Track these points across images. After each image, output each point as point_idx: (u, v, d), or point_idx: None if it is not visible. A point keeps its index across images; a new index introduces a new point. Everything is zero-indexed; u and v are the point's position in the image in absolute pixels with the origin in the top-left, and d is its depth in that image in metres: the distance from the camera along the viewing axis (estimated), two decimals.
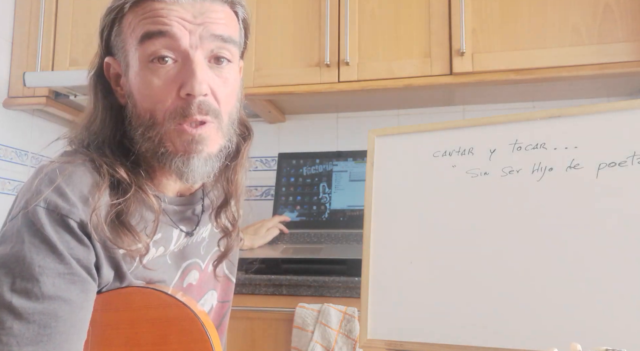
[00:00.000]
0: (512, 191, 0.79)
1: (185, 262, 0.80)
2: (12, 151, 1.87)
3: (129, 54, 0.71)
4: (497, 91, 1.71)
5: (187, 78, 0.68)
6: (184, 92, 0.68)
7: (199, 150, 0.69)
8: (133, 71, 0.70)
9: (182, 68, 0.69)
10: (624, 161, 0.74)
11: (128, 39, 0.71)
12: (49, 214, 0.62)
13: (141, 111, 0.70)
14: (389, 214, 0.87)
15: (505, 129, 0.83)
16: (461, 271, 0.79)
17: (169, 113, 0.68)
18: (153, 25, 0.68)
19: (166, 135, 0.69)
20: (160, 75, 0.68)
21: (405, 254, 0.84)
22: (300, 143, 1.98)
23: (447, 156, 0.85)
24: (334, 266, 1.37)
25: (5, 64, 1.84)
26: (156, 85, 0.68)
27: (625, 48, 1.44)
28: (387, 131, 0.92)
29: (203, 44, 0.69)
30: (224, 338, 0.91)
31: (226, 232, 0.83)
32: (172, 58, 0.69)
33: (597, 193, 0.74)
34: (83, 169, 0.67)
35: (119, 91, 0.74)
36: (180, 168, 0.69)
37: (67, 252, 0.62)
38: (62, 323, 0.60)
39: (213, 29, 0.70)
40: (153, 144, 0.70)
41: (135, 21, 0.70)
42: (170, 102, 0.68)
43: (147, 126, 0.70)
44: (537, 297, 0.74)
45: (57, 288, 0.61)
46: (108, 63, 0.75)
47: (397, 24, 1.61)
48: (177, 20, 0.68)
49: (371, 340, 0.82)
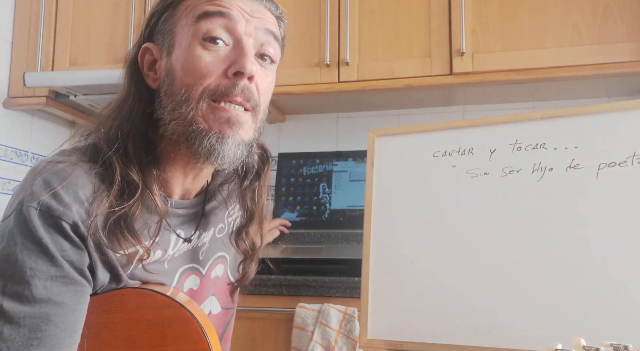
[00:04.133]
0: (512, 191, 0.79)
1: (182, 267, 0.79)
2: (12, 151, 1.87)
3: (177, 34, 0.71)
4: (497, 91, 1.71)
5: (238, 57, 0.68)
6: (233, 69, 0.68)
7: (235, 130, 0.68)
8: (180, 48, 0.70)
9: (233, 51, 0.69)
10: (624, 161, 0.74)
11: (181, 19, 0.71)
12: (41, 216, 0.61)
13: (178, 86, 0.69)
14: (389, 214, 0.87)
15: (505, 129, 0.83)
16: (461, 271, 0.79)
17: (209, 90, 0.68)
18: (213, 6, 0.69)
19: (199, 112, 0.68)
20: (210, 52, 0.69)
21: (405, 254, 0.84)
22: (300, 143, 1.98)
23: (447, 156, 0.85)
24: (334, 266, 1.37)
25: (5, 64, 1.84)
26: (205, 60, 0.68)
27: (625, 48, 1.44)
28: (387, 131, 0.92)
29: (256, 35, 0.71)
30: (229, 345, 0.90)
31: (246, 255, 0.82)
32: (224, 41, 0.69)
33: (597, 193, 0.74)
34: (79, 170, 0.66)
35: (151, 75, 0.73)
36: (213, 146, 0.67)
37: (59, 254, 0.61)
38: (53, 326, 0.60)
39: (267, 24, 0.72)
40: (183, 123, 0.68)
41: (194, 4, 0.70)
42: (214, 79, 0.68)
43: (179, 101, 0.68)
44: (538, 297, 0.74)
45: (48, 291, 0.60)
46: (146, 48, 0.74)
47: (397, 24, 1.61)
48: (237, 7, 0.70)
49: (371, 340, 0.82)
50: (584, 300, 0.71)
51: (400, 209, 0.86)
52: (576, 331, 0.69)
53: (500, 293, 0.76)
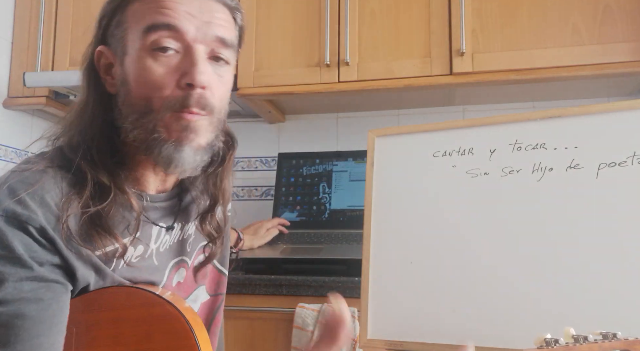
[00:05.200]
0: (512, 191, 0.79)
1: (172, 261, 0.80)
2: (12, 151, 1.87)
3: (128, 42, 0.71)
4: (497, 91, 1.70)
5: (188, 68, 0.68)
6: (184, 81, 0.68)
7: (191, 138, 0.69)
8: (131, 58, 0.70)
9: (184, 59, 0.69)
10: (624, 161, 0.74)
11: (131, 27, 0.71)
12: (8, 222, 0.62)
13: (136, 98, 0.70)
14: (389, 214, 0.87)
15: (505, 129, 0.83)
16: (461, 271, 0.79)
17: (167, 102, 0.68)
18: (160, 17, 0.69)
19: (161, 122, 0.69)
20: (162, 63, 0.69)
21: (405, 254, 0.84)
22: (300, 143, 1.98)
23: (447, 156, 0.85)
24: (334, 266, 1.37)
25: (5, 64, 1.84)
26: (157, 72, 0.68)
27: (625, 48, 1.44)
28: (387, 131, 0.92)
29: (206, 41, 0.70)
30: (218, 331, 0.91)
31: (211, 239, 0.83)
32: (174, 49, 0.69)
33: (597, 193, 0.74)
34: (46, 177, 0.67)
35: (108, 80, 0.74)
36: (170, 155, 0.69)
37: (28, 255, 0.62)
38: (29, 321, 0.61)
39: (216, 30, 0.71)
40: (145, 131, 0.69)
41: (141, 11, 0.70)
42: (169, 91, 0.69)
43: (141, 112, 0.69)
44: (538, 296, 0.74)
45: (19, 291, 0.61)
46: (100, 52, 0.74)
47: (397, 24, 1.61)
48: (184, 14, 0.69)
49: (371, 340, 0.82)
50: (585, 299, 0.71)
51: (400, 209, 0.86)
52: (577, 330, 0.69)
53: (500, 293, 0.76)
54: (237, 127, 2.06)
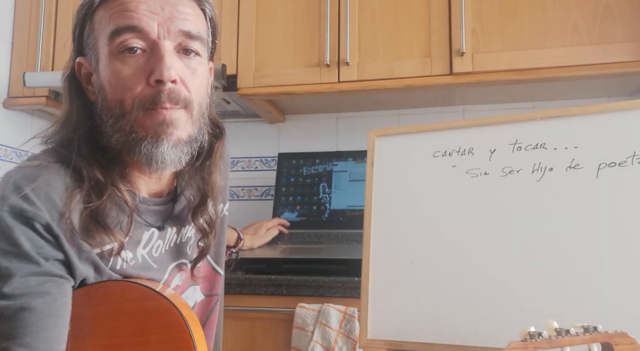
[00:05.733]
0: (512, 191, 0.79)
1: (171, 265, 0.80)
2: (12, 151, 1.87)
3: (99, 49, 0.72)
4: (497, 91, 1.70)
5: (155, 64, 0.69)
6: (153, 78, 0.68)
7: (169, 132, 0.69)
8: (103, 64, 0.71)
9: (151, 57, 0.70)
10: (624, 161, 0.74)
11: (99, 35, 0.72)
12: (15, 218, 0.63)
13: (111, 102, 0.70)
14: (389, 214, 0.87)
15: (505, 129, 0.83)
16: (461, 271, 0.79)
17: (138, 101, 0.69)
18: (122, 20, 0.69)
19: (137, 121, 0.69)
20: (129, 64, 0.69)
21: (405, 254, 0.84)
22: (300, 143, 1.98)
23: (447, 156, 0.85)
24: (334, 266, 1.37)
25: (5, 64, 1.84)
26: (125, 74, 0.69)
27: (625, 48, 1.44)
28: (387, 131, 0.92)
29: (171, 36, 0.70)
30: (213, 334, 0.91)
31: (203, 233, 0.83)
32: (140, 48, 0.70)
33: (597, 193, 0.74)
34: (50, 172, 0.68)
35: (90, 89, 0.75)
36: (150, 151, 0.69)
37: (34, 251, 0.63)
38: (35, 314, 0.62)
39: (180, 24, 0.71)
40: (124, 133, 0.69)
41: (106, 17, 0.71)
42: (139, 90, 0.69)
43: (117, 116, 0.70)
44: (538, 296, 0.74)
45: (26, 285, 0.62)
46: (79, 63, 0.75)
47: (397, 24, 1.61)
48: (146, 13, 0.69)
49: (371, 340, 0.82)
50: (585, 299, 0.71)
51: (400, 209, 0.86)
52: None
53: (500, 292, 0.76)
54: (237, 127, 2.06)
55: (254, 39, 1.70)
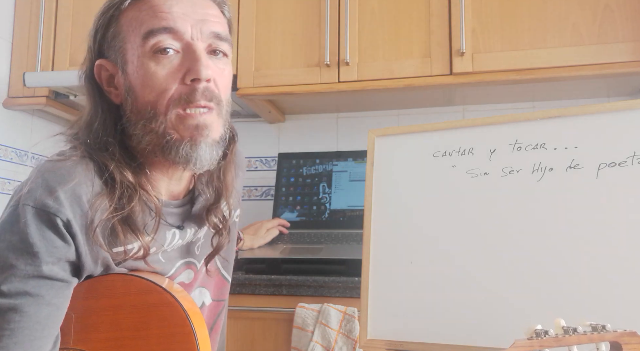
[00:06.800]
0: (512, 191, 0.79)
1: (179, 261, 0.81)
2: (12, 151, 1.87)
3: (128, 51, 0.72)
4: (497, 91, 1.70)
5: (192, 64, 0.70)
6: (189, 77, 0.70)
7: (205, 135, 0.71)
8: (134, 65, 0.71)
9: (185, 57, 0.71)
10: (624, 161, 0.74)
11: (128, 36, 0.72)
12: (36, 214, 0.63)
13: (142, 104, 0.71)
14: (389, 214, 0.87)
15: (505, 129, 0.83)
16: (461, 271, 0.79)
17: (172, 101, 0.70)
18: (157, 21, 0.70)
19: (169, 123, 0.70)
20: (164, 65, 0.70)
21: (405, 254, 0.84)
22: (300, 143, 1.98)
23: (447, 156, 0.85)
24: (334, 266, 1.37)
25: (5, 64, 1.84)
26: (160, 74, 0.70)
27: (625, 48, 1.44)
28: (387, 131, 0.92)
29: (203, 38, 0.72)
30: (218, 337, 0.91)
31: (217, 230, 0.84)
32: (174, 49, 0.71)
33: (597, 193, 0.74)
34: (79, 170, 0.68)
35: (112, 91, 0.75)
36: (188, 154, 0.70)
37: (46, 252, 0.63)
38: (26, 318, 0.62)
39: (211, 26, 0.73)
40: (156, 136, 0.70)
41: (138, 18, 0.71)
42: (174, 90, 0.70)
43: (148, 118, 0.71)
44: (538, 296, 0.74)
45: (25, 285, 0.62)
46: (100, 65, 0.75)
47: (397, 24, 1.61)
48: (179, 14, 0.71)
49: (371, 340, 0.82)
50: (585, 300, 0.71)
51: (400, 209, 0.86)
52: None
53: (500, 293, 0.76)
54: (237, 127, 2.05)
55: (254, 38, 1.70)
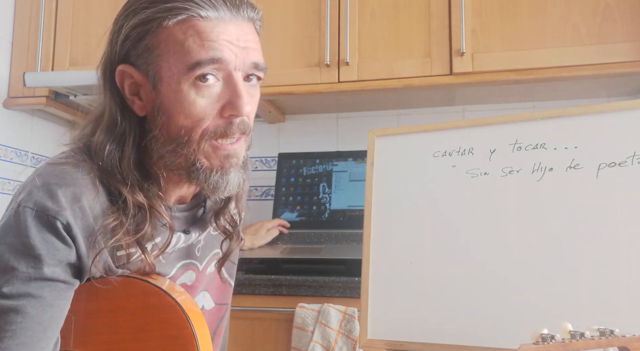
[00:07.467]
0: (512, 191, 0.79)
1: (179, 263, 0.80)
2: (12, 151, 1.87)
3: (164, 69, 0.69)
4: (497, 91, 1.70)
5: (233, 99, 0.69)
6: (228, 111, 0.69)
7: (234, 163, 0.72)
8: (170, 87, 0.69)
9: (226, 88, 0.70)
10: (624, 161, 0.74)
11: (167, 55, 0.68)
12: (36, 216, 0.63)
13: (176, 128, 0.70)
14: (389, 214, 0.87)
15: (505, 129, 0.83)
16: (461, 271, 0.79)
17: (208, 132, 0.69)
18: (205, 52, 0.67)
19: (201, 152, 0.70)
20: (204, 94, 0.69)
21: (405, 254, 0.84)
22: (300, 143, 1.98)
23: (447, 156, 0.85)
24: (334, 266, 1.37)
25: (5, 64, 1.84)
26: (200, 104, 0.69)
27: (625, 48, 1.44)
28: (387, 131, 0.92)
29: (244, 68, 0.71)
30: (220, 341, 0.91)
31: (227, 234, 0.84)
32: (215, 77, 0.69)
33: (597, 193, 0.74)
34: (81, 171, 0.68)
35: (136, 101, 0.72)
36: (217, 182, 0.71)
37: (47, 255, 0.63)
38: (28, 319, 0.61)
39: (252, 57, 0.71)
40: (185, 160, 0.70)
41: (181, 41, 0.68)
42: (210, 121, 0.69)
43: (180, 143, 0.70)
44: (538, 296, 0.74)
45: (27, 287, 0.62)
46: (123, 71, 0.72)
47: (397, 24, 1.61)
48: (226, 44, 0.69)
49: (371, 340, 0.82)
50: (585, 299, 0.71)
51: (400, 209, 0.86)
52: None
53: (500, 292, 0.76)
54: None
55: None
